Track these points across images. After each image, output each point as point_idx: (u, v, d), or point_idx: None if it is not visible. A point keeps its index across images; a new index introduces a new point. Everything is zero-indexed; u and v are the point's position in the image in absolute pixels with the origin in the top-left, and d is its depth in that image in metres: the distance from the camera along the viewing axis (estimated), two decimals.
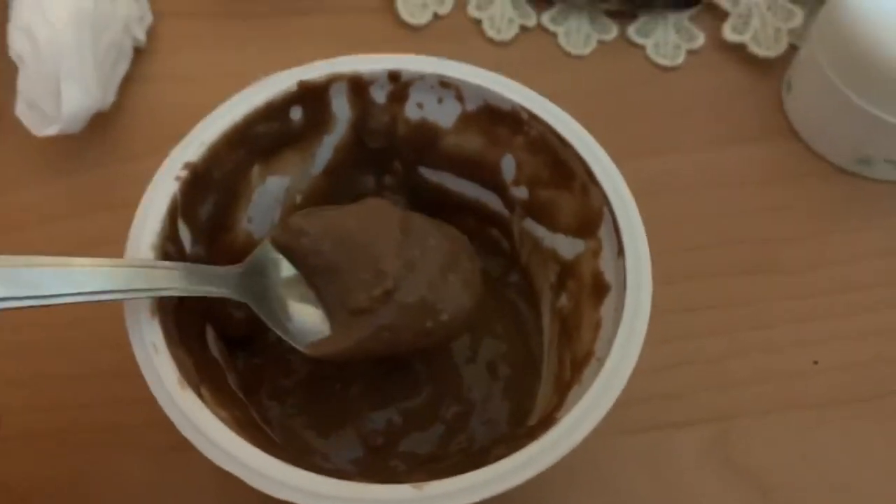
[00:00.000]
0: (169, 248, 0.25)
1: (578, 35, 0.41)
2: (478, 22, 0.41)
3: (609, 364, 0.23)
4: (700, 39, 0.41)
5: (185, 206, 0.26)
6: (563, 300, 0.28)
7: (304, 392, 0.28)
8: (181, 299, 0.24)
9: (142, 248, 0.24)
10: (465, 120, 0.29)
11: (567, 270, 0.28)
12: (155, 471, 0.29)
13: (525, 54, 0.41)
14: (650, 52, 0.41)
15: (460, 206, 0.31)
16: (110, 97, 0.36)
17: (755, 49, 0.40)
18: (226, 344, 0.28)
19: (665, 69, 0.40)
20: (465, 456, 0.27)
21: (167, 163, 0.26)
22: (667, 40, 0.41)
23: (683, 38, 0.41)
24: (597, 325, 0.25)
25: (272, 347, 0.29)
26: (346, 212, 0.26)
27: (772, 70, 0.40)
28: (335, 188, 0.31)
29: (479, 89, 0.28)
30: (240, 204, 0.28)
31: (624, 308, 0.23)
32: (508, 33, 0.41)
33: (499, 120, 0.28)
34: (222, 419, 0.22)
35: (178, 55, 0.40)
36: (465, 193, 0.31)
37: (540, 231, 0.29)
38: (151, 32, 0.40)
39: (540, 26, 0.41)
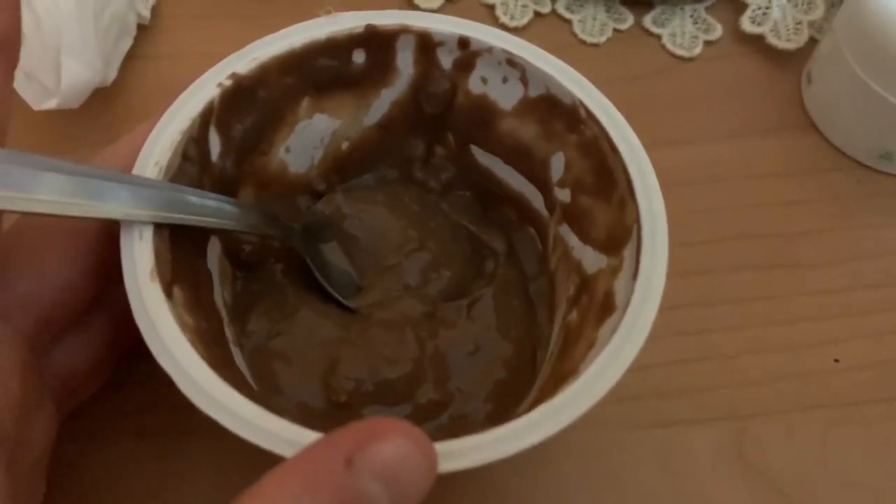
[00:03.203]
0: (190, 150, 0.24)
1: (594, 23, 0.40)
2: (491, 7, 0.40)
3: (583, 380, 0.21)
4: (718, 30, 0.40)
5: (221, 113, 0.25)
6: (574, 315, 0.26)
7: (289, 331, 0.27)
8: None
9: (159, 146, 0.24)
10: (526, 105, 0.28)
11: (585, 285, 0.26)
12: (152, 455, 0.28)
13: (539, 41, 0.39)
14: (666, 41, 0.40)
15: (505, 197, 0.30)
16: (112, 73, 0.35)
17: (774, 41, 0.39)
18: (231, 264, 0.27)
19: (682, 59, 0.39)
20: None
21: (212, 70, 0.25)
22: (683, 30, 0.40)
23: (700, 29, 0.40)
24: (590, 345, 0.23)
25: (273, 280, 0.28)
26: (375, 192, 0.30)
27: (791, 62, 0.39)
28: (384, 145, 0.30)
29: (543, 76, 0.27)
30: (280, 131, 0.28)
31: (618, 330, 0.22)
32: (522, 19, 0.40)
33: (557, 112, 0.27)
34: (183, 323, 0.21)
35: (183, 33, 0.39)
36: (511, 184, 0.30)
37: (572, 240, 0.27)
38: (156, 9, 0.39)
39: (554, 13, 0.40)
